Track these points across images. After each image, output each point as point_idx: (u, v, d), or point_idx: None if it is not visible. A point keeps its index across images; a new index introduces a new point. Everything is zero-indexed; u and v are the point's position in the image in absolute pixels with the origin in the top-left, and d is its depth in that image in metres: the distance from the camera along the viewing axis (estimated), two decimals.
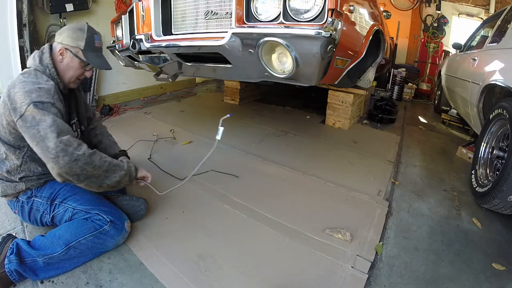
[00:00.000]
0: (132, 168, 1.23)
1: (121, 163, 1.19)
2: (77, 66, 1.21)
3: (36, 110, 1.01)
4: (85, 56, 1.21)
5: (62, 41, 1.19)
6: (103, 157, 1.11)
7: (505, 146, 1.74)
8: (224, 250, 1.24)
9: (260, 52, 1.32)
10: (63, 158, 0.99)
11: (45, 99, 1.04)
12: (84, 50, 1.20)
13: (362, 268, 1.18)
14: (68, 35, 1.19)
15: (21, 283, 1.04)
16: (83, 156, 1.03)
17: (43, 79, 1.12)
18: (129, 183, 1.23)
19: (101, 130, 1.56)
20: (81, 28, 1.21)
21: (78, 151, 1.02)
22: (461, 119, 3.26)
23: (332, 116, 2.94)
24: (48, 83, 1.11)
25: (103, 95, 3.35)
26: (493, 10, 4.60)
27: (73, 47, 1.19)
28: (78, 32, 1.20)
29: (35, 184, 1.18)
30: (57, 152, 0.98)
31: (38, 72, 1.13)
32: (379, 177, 1.95)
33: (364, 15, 1.69)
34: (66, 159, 0.99)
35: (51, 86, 1.10)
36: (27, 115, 1.01)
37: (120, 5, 3.29)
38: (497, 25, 2.34)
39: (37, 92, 1.05)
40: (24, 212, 1.20)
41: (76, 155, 1.01)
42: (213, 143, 1.31)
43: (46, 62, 1.16)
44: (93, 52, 1.23)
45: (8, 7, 2.29)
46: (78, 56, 1.20)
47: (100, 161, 1.09)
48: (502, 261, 1.28)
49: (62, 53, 1.18)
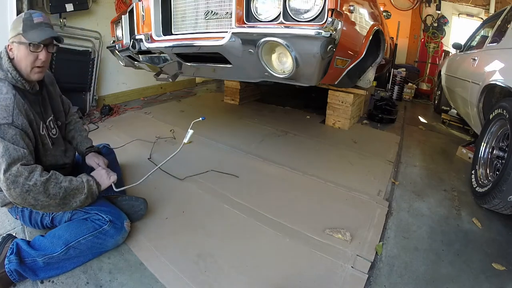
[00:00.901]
0: (93, 187, 1.15)
1: (81, 185, 1.11)
2: (25, 53, 1.09)
3: None
4: (26, 38, 1.08)
5: (9, 37, 1.11)
6: (59, 182, 1.04)
7: (505, 146, 1.74)
8: (224, 250, 1.24)
9: (260, 52, 1.32)
10: (14, 190, 0.95)
11: (1, 121, 0.97)
12: (23, 33, 1.08)
13: (362, 268, 1.18)
14: (11, 28, 1.11)
15: (21, 283, 1.04)
16: (34, 186, 0.97)
17: (2, 91, 1.03)
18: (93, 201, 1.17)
19: (75, 126, 1.49)
20: (19, 16, 1.12)
21: (29, 181, 0.96)
22: (461, 119, 3.26)
23: (332, 116, 2.94)
24: (7, 95, 1.02)
25: (103, 95, 3.35)
26: (493, 10, 4.60)
27: (15, 35, 1.09)
28: (16, 21, 1.11)
29: None
30: (7, 184, 0.94)
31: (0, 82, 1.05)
32: (379, 177, 1.95)
33: (364, 15, 1.69)
34: (18, 191, 0.95)
35: (9, 101, 1.01)
36: None
37: (120, 5, 3.28)
38: (497, 25, 2.34)
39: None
40: (24, 217, 1.20)
41: (27, 186, 0.96)
42: (213, 143, 1.32)
43: (6, 67, 1.08)
44: (32, 29, 1.09)
45: (8, 7, 2.29)
46: (21, 42, 1.08)
47: (55, 189, 1.02)
48: (502, 261, 1.28)
49: (11, 49, 1.10)
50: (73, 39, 2.91)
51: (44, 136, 1.16)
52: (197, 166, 1.93)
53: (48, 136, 1.20)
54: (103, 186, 1.22)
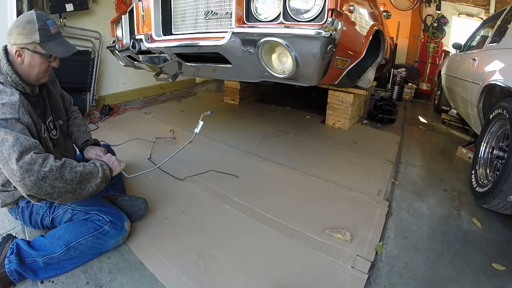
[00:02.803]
0: (106, 171, 1.13)
1: (95, 169, 1.09)
2: (40, 62, 1.09)
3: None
4: (44, 48, 1.07)
5: (15, 41, 1.05)
6: (73, 167, 1.01)
7: (505, 146, 1.74)
8: (224, 250, 1.24)
9: (260, 52, 1.32)
10: (29, 179, 0.90)
11: (8, 116, 0.96)
12: (41, 43, 1.06)
13: (362, 268, 1.18)
14: (18, 32, 1.04)
15: (21, 283, 1.04)
16: (50, 172, 0.94)
17: (7, 93, 1.01)
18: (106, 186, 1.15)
19: (74, 121, 1.48)
20: (29, 20, 1.05)
21: (44, 167, 0.93)
22: (461, 119, 3.26)
23: (332, 116, 2.94)
24: (12, 97, 1.01)
25: (103, 95, 3.35)
26: (493, 10, 4.60)
27: (29, 43, 1.05)
28: (27, 26, 1.05)
29: None
30: (21, 173, 0.90)
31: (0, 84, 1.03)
32: (379, 177, 1.95)
33: (364, 15, 1.69)
34: (33, 179, 0.91)
35: (15, 99, 1.01)
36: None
37: (120, 5, 3.29)
38: (497, 25, 2.34)
39: (0, 109, 0.96)
40: (24, 217, 1.20)
41: (43, 173, 0.92)
42: (213, 143, 1.32)
43: (5, 70, 1.05)
44: (51, 40, 1.09)
45: (8, 7, 2.29)
46: (37, 51, 1.07)
47: (71, 174, 0.99)
48: (502, 261, 1.28)
49: (20, 54, 1.06)
50: (73, 39, 2.90)
51: (46, 139, 1.16)
52: (197, 166, 1.93)
53: (49, 138, 1.20)
54: (115, 172, 1.19)
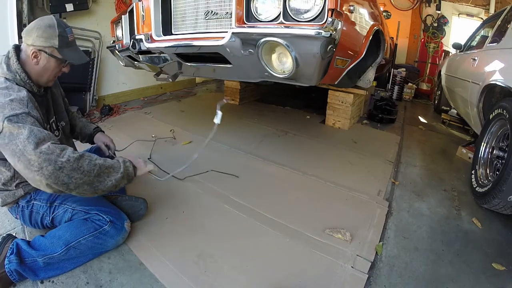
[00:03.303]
0: (129, 168, 1.11)
1: (116, 164, 1.08)
2: (55, 65, 1.14)
3: (11, 125, 0.94)
4: (61, 54, 1.13)
5: (34, 42, 1.08)
6: (93, 159, 1.01)
7: (505, 146, 1.74)
8: (224, 250, 1.24)
9: (260, 52, 1.32)
10: (47, 168, 0.91)
11: (18, 111, 0.97)
12: (59, 48, 1.11)
13: (362, 268, 1.18)
14: (38, 35, 1.08)
15: (21, 283, 1.04)
16: (68, 163, 0.94)
17: (14, 89, 1.03)
18: (128, 183, 1.13)
19: (72, 115, 1.52)
20: (50, 25, 1.10)
21: (62, 157, 0.94)
22: (461, 119, 3.26)
23: (332, 116, 2.94)
24: (20, 93, 1.03)
25: (103, 95, 3.35)
26: (493, 10, 4.60)
27: (47, 47, 1.10)
28: (48, 30, 1.09)
29: (32, 188, 1.16)
30: (39, 163, 0.91)
31: (8, 81, 1.05)
32: (379, 177, 1.95)
33: (364, 15, 1.69)
34: (50, 169, 0.92)
35: (23, 95, 1.03)
36: (5, 132, 0.94)
37: (120, 5, 3.29)
38: (497, 25, 2.34)
39: (9, 105, 0.97)
40: (24, 216, 1.20)
41: (60, 163, 0.93)
42: (213, 143, 1.32)
43: (15, 68, 1.07)
44: (68, 47, 1.14)
45: (8, 7, 2.29)
46: (54, 55, 1.12)
47: (89, 166, 0.99)
48: (502, 261, 1.28)
49: (36, 56, 1.09)
50: None
51: None
52: (197, 166, 1.92)
53: None
54: (140, 171, 1.17)
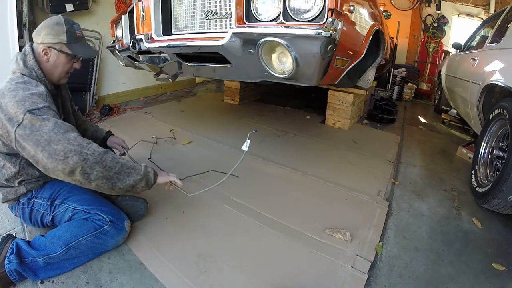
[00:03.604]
0: (150, 173, 1.12)
1: (138, 167, 1.10)
2: (65, 61, 1.18)
3: (34, 117, 0.98)
4: (70, 49, 1.17)
5: (43, 40, 1.14)
6: (116, 157, 1.06)
7: (505, 146, 1.74)
8: (224, 250, 1.24)
9: (260, 52, 1.32)
10: (72, 158, 0.96)
11: (40, 105, 1.01)
12: (67, 43, 1.16)
13: (362, 268, 1.18)
14: (47, 33, 1.14)
15: (21, 283, 1.04)
16: (92, 156, 0.99)
17: (32, 84, 1.08)
18: (146, 188, 1.13)
19: (82, 120, 1.56)
20: (58, 22, 1.15)
21: (88, 150, 0.99)
22: (461, 119, 3.26)
23: (332, 116, 2.94)
24: (39, 88, 1.08)
25: (103, 95, 3.35)
26: (493, 10, 4.60)
27: (56, 43, 1.15)
28: (56, 27, 1.14)
29: (35, 186, 1.18)
30: (65, 153, 0.96)
31: (25, 76, 1.09)
32: (379, 177, 1.95)
33: (364, 15, 1.69)
34: (75, 159, 0.96)
35: (42, 90, 1.07)
36: (25, 123, 0.97)
37: (120, 5, 3.29)
38: (497, 25, 2.34)
39: (30, 99, 1.01)
40: (25, 214, 1.20)
41: (85, 154, 0.98)
42: (213, 143, 1.32)
43: (31, 64, 1.12)
44: (76, 42, 1.19)
45: (8, 7, 2.29)
46: (63, 51, 1.16)
47: (112, 162, 1.03)
48: (502, 261, 1.28)
49: (46, 53, 1.14)
50: None
51: None
52: (197, 166, 1.93)
53: None
54: (161, 178, 1.18)
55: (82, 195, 1.20)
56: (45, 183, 1.21)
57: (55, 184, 1.21)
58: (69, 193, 1.20)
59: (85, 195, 1.21)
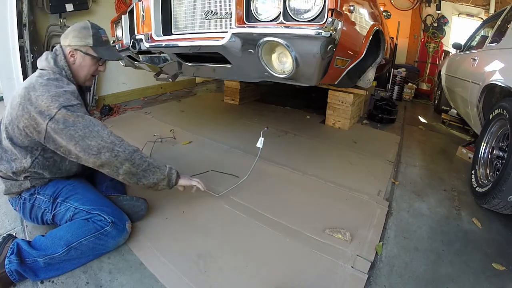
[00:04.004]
0: (173, 175, 1.24)
1: (163, 167, 1.21)
2: (90, 63, 1.25)
3: (68, 113, 1.04)
4: (95, 52, 1.24)
5: (70, 43, 1.21)
6: (144, 157, 1.16)
7: (505, 146, 1.74)
8: (224, 250, 1.24)
9: (260, 52, 1.32)
10: (104, 154, 1.06)
11: (73, 102, 1.09)
12: (93, 47, 1.23)
13: (362, 268, 1.18)
14: (74, 35, 1.21)
15: (21, 283, 1.04)
16: (123, 153, 1.09)
17: (64, 82, 1.14)
18: (167, 188, 1.24)
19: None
20: (85, 27, 1.24)
21: (119, 147, 1.09)
22: (461, 119, 3.26)
23: (332, 116, 2.94)
24: (70, 86, 1.14)
25: (103, 95, 3.35)
26: (493, 10, 4.60)
27: (82, 46, 1.22)
28: (83, 31, 1.22)
29: (39, 182, 1.19)
30: (99, 149, 1.05)
31: (56, 75, 1.15)
32: (379, 177, 1.95)
33: (364, 15, 1.69)
34: (108, 155, 1.06)
35: (74, 89, 1.15)
36: (58, 118, 1.03)
37: (120, 5, 3.29)
38: (497, 25, 2.34)
39: (64, 95, 1.08)
40: (25, 209, 1.21)
41: (116, 151, 1.07)
42: (213, 143, 1.33)
43: (62, 64, 1.19)
44: (102, 46, 1.27)
45: (8, 7, 2.29)
46: (89, 53, 1.23)
47: (140, 160, 1.14)
48: (502, 261, 1.28)
49: (73, 55, 1.21)
50: None
51: None
52: (197, 166, 1.92)
53: None
54: (183, 181, 1.29)
55: (84, 195, 1.21)
56: (50, 180, 1.22)
57: (58, 182, 1.22)
58: (72, 191, 1.21)
59: (87, 194, 1.22)
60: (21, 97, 1.07)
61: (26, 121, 1.06)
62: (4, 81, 2.34)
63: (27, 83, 1.11)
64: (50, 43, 2.77)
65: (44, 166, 1.16)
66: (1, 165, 1.16)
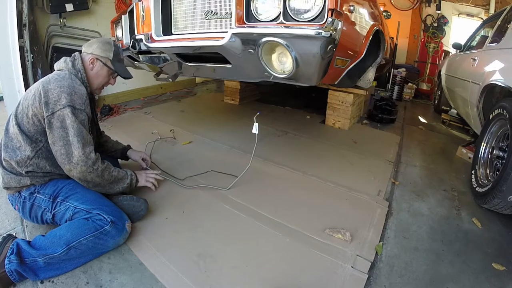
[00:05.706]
0: (133, 180, 1.41)
1: (125, 176, 1.36)
2: (105, 74, 1.37)
3: (69, 114, 1.13)
4: (113, 65, 1.37)
5: (93, 51, 1.33)
6: (111, 171, 1.28)
7: (505, 146, 1.74)
8: (224, 250, 1.24)
9: (260, 52, 1.32)
10: (81, 167, 1.16)
11: (77, 105, 1.17)
12: (112, 60, 1.37)
13: (362, 268, 1.18)
14: (98, 46, 1.34)
15: (21, 283, 1.04)
16: (96, 171, 1.20)
17: (77, 83, 1.22)
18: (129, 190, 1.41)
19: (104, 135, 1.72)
20: (109, 42, 1.39)
21: (94, 165, 1.19)
22: (461, 119, 3.26)
23: (332, 116, 2.94)
24: (81, 87, 1.22)
25: (103, 95, 3.34)
26: (493, 10, 4.61)
27: (103, 57, 1.35)
28: (107, 45, 1.36)
29: (39, 180, 1.20)
30: (77, 161, 1.14)
31: (72, 75, 1.24)
32: (379, 177, 1.95)
33: (364, 15, 1.69)
34: (83, 169, 1.16)
35: (83, 91, 1.22)
36: (58, 115, 1.12)
37: (120, 5, 3.29)
38: (497, 25, 2.34)
39: (72, 96, 1.16)
40: (25, 208, 1.21)
41: (91, 169, 1.18)
42: (213, 143, 1.33)
43: (79, 67, 1.29)
44: (119, 62, 1.41)
45: (8, 7, 2.29)
46: (108, 65, 1.36)
47: (108, 176, 1.27)
48: (502, 261, 1.28)
49: (93, 62, 1.33)
50: (73, 39, 2.90)
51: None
52: (197, 166, 1.93)
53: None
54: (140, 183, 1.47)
55: (84, 194, 1.21)
56: (50, 179, 1.23)
57: (58, 181, 1.23)
58: (72, 191, 1.21)
59: (87, 194, 1.22)
60: (35, 88, 1.18)
61: (35, 109, 1.14)
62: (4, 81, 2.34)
63: (44, 79, 1.21)
64: (50, 43, 2.77)
65: (47, 157, 1.20)
66: (6, 153, 1.18)
